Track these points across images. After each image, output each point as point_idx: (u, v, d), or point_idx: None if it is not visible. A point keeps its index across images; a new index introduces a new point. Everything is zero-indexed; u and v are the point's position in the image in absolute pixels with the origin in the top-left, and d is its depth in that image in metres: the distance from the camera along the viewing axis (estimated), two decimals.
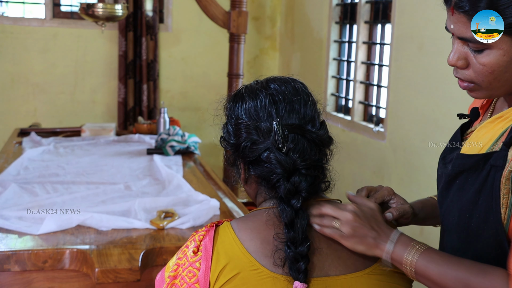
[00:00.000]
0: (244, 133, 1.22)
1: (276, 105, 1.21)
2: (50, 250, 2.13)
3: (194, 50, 5.86)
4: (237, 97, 1.26)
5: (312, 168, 1.19)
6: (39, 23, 5.49)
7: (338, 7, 4.86)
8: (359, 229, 1.17)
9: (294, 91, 1.24)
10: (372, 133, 4.20)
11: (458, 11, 1.12)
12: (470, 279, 1.10)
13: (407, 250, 1.16)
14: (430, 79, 3.51)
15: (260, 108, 1.21)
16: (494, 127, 1.18)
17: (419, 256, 1.15)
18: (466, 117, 1.37)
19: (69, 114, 5.62)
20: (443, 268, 1.13)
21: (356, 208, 1.20)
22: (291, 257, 1.13)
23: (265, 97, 1.22)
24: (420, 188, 3.57)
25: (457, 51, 1.17)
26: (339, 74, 4.93)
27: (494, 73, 1.13)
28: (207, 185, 3.10)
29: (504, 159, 1.10)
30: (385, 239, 1.18)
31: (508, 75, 1.13)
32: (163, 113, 4.17)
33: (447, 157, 1.30)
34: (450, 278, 1.12)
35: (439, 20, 3.35)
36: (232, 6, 4.17)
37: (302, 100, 1.23)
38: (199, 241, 1.19)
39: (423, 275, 1.15)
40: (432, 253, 1.15)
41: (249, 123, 1.21)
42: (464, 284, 1.10)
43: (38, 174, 3.12)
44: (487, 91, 1.17)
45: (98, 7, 3.73)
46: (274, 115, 1.20)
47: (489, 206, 1.12)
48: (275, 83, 1.25)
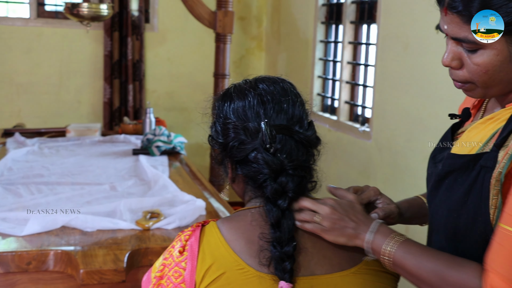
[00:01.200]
0: (232, 132, 1.21)
1: (265, 105, 1.21)
2: (34, 252, 2.12)
3: (180, 50, 5.84)
4: (225, 97, 1.26)
5: (299, 169, 1.19)
6: (23, 23, 5.45)
7: (324, 7, 4.87)
8: (339, 221, 1.19)
9: (283, 92, 1.24)
10: (358, 133, 4.21)
11: (451, 12, 1.12)
12: (444, 272, 1.11)
13: (386, 241, 1.17)
14: (415, 79, 3.52)
15: (248, 108, 1.21)
16: (485, 128, 1.18)
17: (397, 247, 1.16)
18: (457, 117, 1.37)
19: (54, 115, 5.58)
20: (419, 259, 1.14)
21: (334, 202, 1.21)
22: (277, 257, 1.13)
23: (253, 97, 1.22)
24: (406, 188, 3.59)
25: (451, 51, 1.17)
26: (325, 74, 4.93)
27: (488, 73, 1.13)
28: (193, 185, 3.09)
29: (495, 160, 1.10)
30: (365, 229, 1.19)
31: (503, 75, 1.13)
32: (149, 113, 4.15)
33: (437, 156, 1.30)
34: (426, 270, 1.13)
35: (424, 20, 3.36)
36: (218, 6, 4.16)
37: (290, 100, 1.23)
38: (185, 241, 1.18)
39: (400, 266, 1.16)
40: (410, 245, 1.17)
41: (237, 123, 1.21)
42: (439, 277, 1.11)
43: (22, 175, 3.10)
44: (483, 90, 1.17)
45: (83, 7, 3.71)
46: (262, 115, 1.20)
47: (477, 207, 1.13)
48: (264, 83, 1.25)
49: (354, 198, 1.26)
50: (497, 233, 1.07)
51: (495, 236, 1.07)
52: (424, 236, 1.36)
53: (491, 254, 1.07)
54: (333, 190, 1.31)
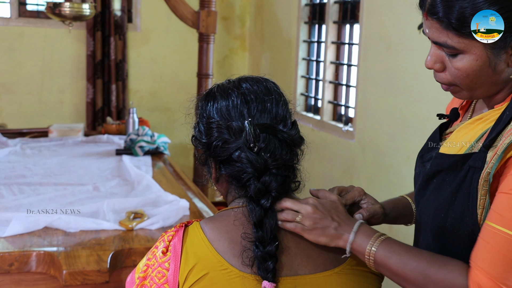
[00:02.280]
0: (216, 132, 1.21)
1: (248, 105, 1.21)
2: (17, 253, 2.10)
3: (163, 50, 5.82)
4: (209, 96, 1.26)
5: (283, 168, 1.19)
6: (4, 22, 5.40)
7: (307, 7, 4.88)
8: (320, 221, 1.18)
9: (266, 91, 1.24)
10: (341, 133, 4.23)
11: (431, 17, 1.13)
12: (428, 270, 1.11)
13: (370, 241, 1.17)
14: (398, 78, 3.54)
15: (232, 108, 1.21)
16: (474, 128, 1.19)
17: (380, 247, 1.16)
18: (445, 117, 1.38)
19: (36, 115, 5.54)
20: (403, 258, 1.14)
21: (316, 201, 1.21)
22: (259, 257, 1.13)
23: (237, 97, 1.21)
24: (389, 187, 3.61)
25: (433, 54, 1.18)
26: (308, 74, 4.95)
27: (469, 77, 1.14)
28: (176, 185, 3.09)
29: (483, 160, 1.11)
30: (347, 229, 1.19)
31: (484, 78, 1.14)
32: (132, 113, 4.14)
33: (425, 156, 1.31)
34: (409, 269, 1.12)
35: (407, 20, 3.38)
36: (201, 6, 4.16)
37: (274, 100, 1.23)
38: (168, 241, 1.18)
39: (383, 265, 1.16)
40: (393, 244, 1.16)
41: (221, 122, 1.21)
42: (423, 275, 1.11)
43: (4, 175, 3.07)
44: (468, 92, 1.19)
45: (65, 6, 3.69)
46: (246, 115, 1.20)
47: (465, 207, 1.13)
48: (247, 83, 1.25)
49: (337, 199, 1.26)
50: (483, 231, 1.08)
51: (481, 234, 1.08)
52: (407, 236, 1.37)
53: (477, 251, 1.08)
54: (315, 192, 1.31)
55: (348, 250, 1.19)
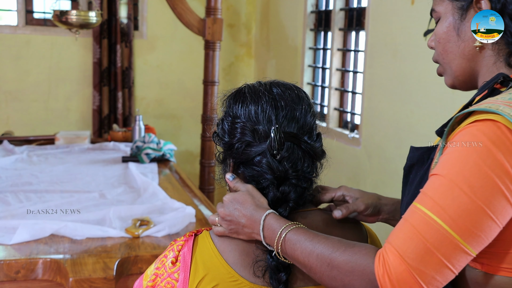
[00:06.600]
0: (239, 133, 1.19)
1: (277, 111, 1.18)
2: (23, 260, 2.10)
3: (169, 57, 5.84)
4: (238, 96, 1.23)
5: (303, 180, 1.18)
6: (11, 30, 5.43)
7: (312, 15, 4.88)
8: (233, 223, 1.15)
9: (297, 99, 1.21)
10: (347, 140, 4.22)
11: None
12: (332, 255, 1.03)
13: (278, 233, 1.10)
14: (404, 85, 3.54)
15: (261, 111, 1.18)
16: None
17: (288, 236, 1.09)
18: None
19: (43, 122, 5.55)
20: (308, 246, 1.06)
21: (226, 199, 1.17)
22: (273, 267, 1.12)
23: (267, 101, 1.19)
24: (395, 194, 3.58)
25: (434, 33, 1.19)
26: (314, 81, 4.95)
27: (441, 43, 1.16)
28: (182, 192, 3.09)
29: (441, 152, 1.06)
30: (256, 226, 1.13)
31: (452, 45, 1.15)
32: (138, 121, 4.14)
33: None
34: (314, 257, 1.05)
35: (413, 27, 3.38)
36: (207, 13, 4.17)
37: (303, 109, 1.21)
38: (177, 251, 1.17)
39: (291, 256, 1.09)
40: (300, 233, 1.09)
41: (247, 124, 1.18)
42: (327, 262, 1.03)
43: (11, 183, 3.08)
44: (446, 71, 1.19)
45: (72, 14, 3.70)
46: (273, 121, 1.17)
47: None
48: (279, 88, 1.22)
49: (250, 187, 1.18)
50: (407, 211, 1.02)
51: (405, 214, 1.02)
52: None
53: (395, 230, 1.01)
54: (229, 182, 1.22)
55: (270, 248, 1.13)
